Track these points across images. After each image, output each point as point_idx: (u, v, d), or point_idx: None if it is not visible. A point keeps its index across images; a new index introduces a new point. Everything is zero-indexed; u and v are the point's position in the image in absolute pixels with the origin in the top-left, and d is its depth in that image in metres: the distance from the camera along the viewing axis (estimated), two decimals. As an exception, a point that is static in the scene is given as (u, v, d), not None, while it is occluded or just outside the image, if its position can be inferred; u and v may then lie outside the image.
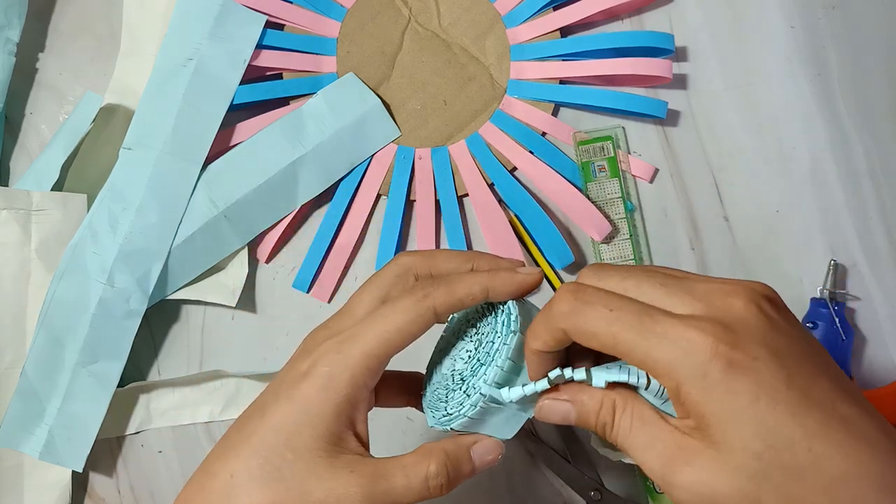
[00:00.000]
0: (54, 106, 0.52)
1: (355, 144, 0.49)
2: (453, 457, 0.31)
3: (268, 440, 0.30)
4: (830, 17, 0.51)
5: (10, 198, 0.47)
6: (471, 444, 0.32)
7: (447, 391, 0.33)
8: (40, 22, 0.53)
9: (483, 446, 0.32)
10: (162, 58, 0.48)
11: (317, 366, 0.30)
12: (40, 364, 0.46)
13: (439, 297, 0.31)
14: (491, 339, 0.32)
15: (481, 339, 0.33)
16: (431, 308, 0.31)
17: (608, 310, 0.27)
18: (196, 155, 0.47)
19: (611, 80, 0.51)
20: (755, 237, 0.50)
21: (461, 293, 0.31)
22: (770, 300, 0.27)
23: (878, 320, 0.49)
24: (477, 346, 0.33)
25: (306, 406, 0.30)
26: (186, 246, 0.47)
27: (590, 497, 0.48)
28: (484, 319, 0.34)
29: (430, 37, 0.51)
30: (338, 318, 0.33)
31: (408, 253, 0.34)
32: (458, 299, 0.31)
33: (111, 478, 0.50)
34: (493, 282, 0.31)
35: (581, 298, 0.27)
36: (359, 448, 0.31)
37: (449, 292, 0.31)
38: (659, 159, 0.51)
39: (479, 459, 0.32)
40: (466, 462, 0.32)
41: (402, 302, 0.31)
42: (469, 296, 0.31)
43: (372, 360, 0.30)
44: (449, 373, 0.34)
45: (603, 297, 0.27)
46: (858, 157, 0.50)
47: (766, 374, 0.25)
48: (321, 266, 0.50)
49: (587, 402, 0.29)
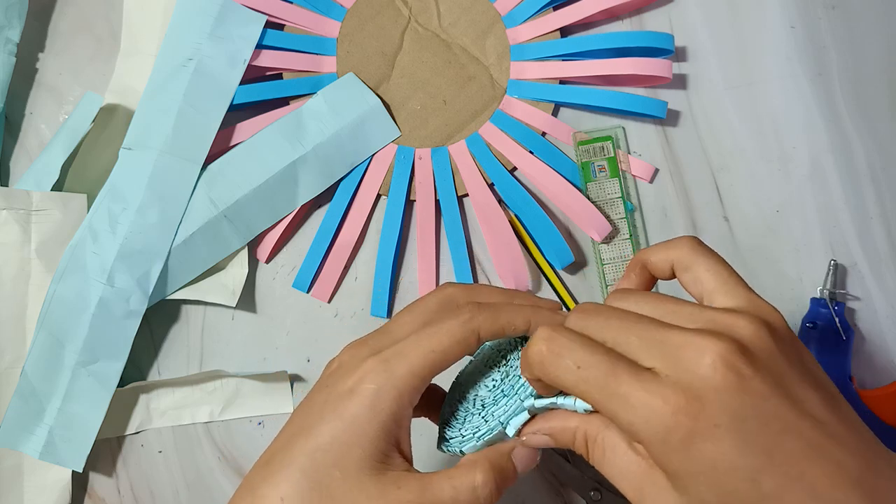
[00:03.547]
0: (54, 106, 0.52)
1: (355, 144, 0.49)
2: (497, 465, 0.31)
3: (316, 461, 0.29)
4: (830, 17, 0.51)
5: (10, 198, 0.47)
6: (510, 450, 0.32)
7: (466, 414, 0.34)
8: (40, 22, 0.53)
9: (523, 452, 0.32)
10: (162, 58, 0.48)
11: (363, 383, 0.30)
12: (40, 364, 0.46)
13: (484, 323, 0.32)
14: (518, 372, 0.33)
15: (508, 371, 0.34)
16: (476, 332, 0.32)
17: (576, 366, 0.27)
18: (196, 155, 0.47)
19: (611, 80, 0.51)
20: (755, 237, 0.50)
21: (504, 321, 0.32)
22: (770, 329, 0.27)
23: (878, 320, 0.49)
24: (504, 378, 0.33)
25: (354, 425, 0.30)
26: (186, 246, 0.47)
27: (590, 497, 0.48)
28: (515, 352, 0.34)
29: (430, 37, 0.51)
30: (377, 337, 0.33)
31: (452, 284, 0.35)
32: (500, 326, 0.32)
33: (111, 478, 0.50)
34: (536, 317, 0.32)
35: (552, 350, 0.28)
36: (404, 464, 0.31)
37: (493, 319, 0.32)
38: (659, 159, 0.51)
39: (521, 464, 0.32)
40: (510, 468, 0.32)
41: (448, 322, 0.32)
42: (511, 325, 0.32)
43: (417, 380, 0.31)
44: (472, 398, 0.34)
45: (573, 352, 0.27)
46: (858, 157, 0.50)
47: (725, 442, 0.24)
48: (321, 266, 0.50)
49: (560, 436, 0.30)
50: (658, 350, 0.26)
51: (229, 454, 0.50)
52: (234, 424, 0.50)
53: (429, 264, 0.49)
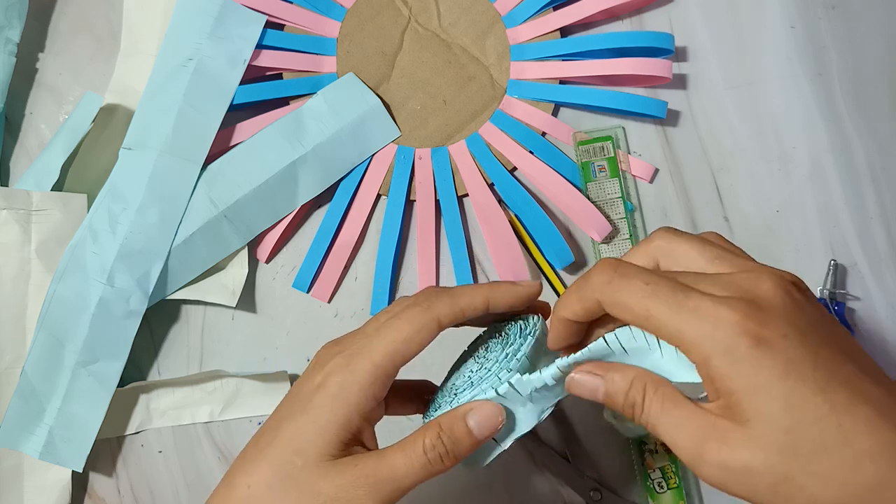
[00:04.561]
0: (54, 106, 0.52)
1: (355, 144, 0.49)
2: (447, 426, 0.31)
3: (281, 450, 0.31)
4: (830, 17, 0.51)
5: (10, 198, 0.47)
6: (466, 411, 0.32)
7: (442, 401, 0.34)
8: (40, 22, 0.53)
9: (480, 413, 0.32)
10: (162, 58, 0.48)
11: (329, 378, 0.32)
12: (40, 364, 0.46)
13: (443, 308, 0.33)
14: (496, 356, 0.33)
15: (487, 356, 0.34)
16: (435, 318, 0.32)
17: (644, 283, 0.28)
18: (196, 155, 0.47)
19: (611, 80, 0.51)
20: (755, 237, 0.50)
21: (463, 303, 0.33)
22: (796, 285, 0.28)
23: (878, 320, 0.49)
24: (478, 368, 0.34)
25: (317, 416, 0.31)
26: (186, 246, 0.47)
27: (590, 497, 0.48)
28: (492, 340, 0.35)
29: (430, 37, 0.51)
30: (350, 336, 0.35)
31: (432, 287, 0.36)
32: (460, 309, 0.33)
33: (111, 478, 0.50)
34: (494, 293, 0.33)
35: (619, 271, 0.29)
36: (366, 449, 0.32)
37: (452, 303, 0.33)
38: (659, 159, 0.51)
39: (478, 427, 0.32)
40: (463, 430, 0.32)
41: (407, 313, 0.33)
42: (471, 306, 0.33)
43: (379, 371, 0.32)
44: (448, 386, 0.35)
45: (640, 272, 0.29)
46: (858, 157, 0.50)
47: (794, 352, 0.25)
48: (321, 266, 0.50)
49: (618, 381, 0.30)
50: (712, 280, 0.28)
51: (229, 454, 0.50)
52: (234, 424, 0.50)
53: (429, 264, 0.49)
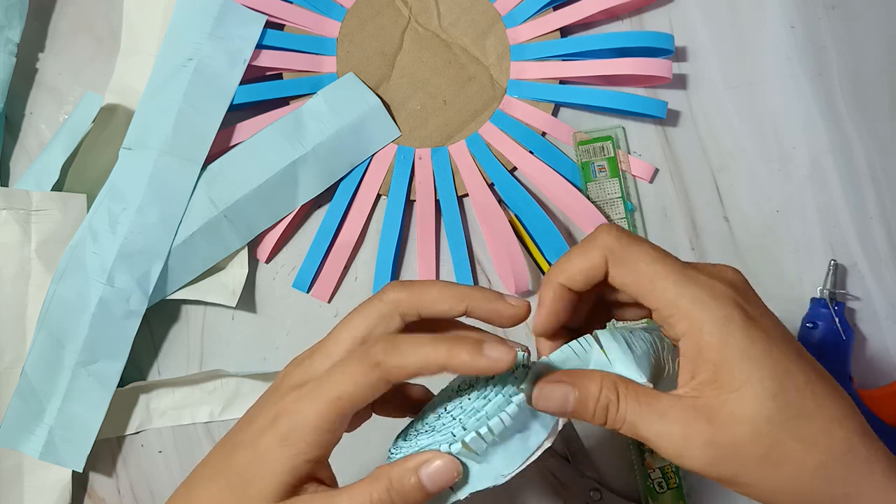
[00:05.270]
0: (54, 106, 0.52)
1: (355, 144, 0.49)
2: (398, 480, 0.30)
3: (235, 476, 0.30)
4: (830, 17, 0.51)
5: (10, 198, 0.47)
6: (418, 464, 0.30)
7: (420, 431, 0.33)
8: (40, 22, 0.53)
9: (432, 466, 0.30)
10: (162, 58, 0.48)
11: (279, 418, 0.30)
12: (40, 364, 0.46)
13: (392, 368, 0.29)
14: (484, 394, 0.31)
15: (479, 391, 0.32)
16: (383, 378, 0.30)
17: (652, 247, 0.29)
18: (196, 155, 0.47)
19: (611, 80, 0.51)
20: (755, 237, 0.50)
21: (415, 366, 0.29)
22: None
23: (878, 320, 0.49)
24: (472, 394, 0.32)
25: (266, 457, 0.30)
26: (186, 246, 0.47)
27: (590, 497, 0.48)
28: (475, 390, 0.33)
29: (430, 37, 0.51)
30: (313, 356, 0.32)
31: (396, 286, 0.32)
32: (412, 372, 0.30)
33: (111, 478, 0.50)
34: (452, 361, 0.29)
35: (627, 236, 0.30)
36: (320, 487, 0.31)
37: (401, 365, 0.29)
38: (659, 159, 0.51)
39: (430, 479, 0.30)
40: (413, 485, 0.30)
41: (352, 367, 0.30)
42: (424, 368, 0.29)
43: (325, 422, 0.30)
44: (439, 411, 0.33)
45: (645, 240, 0.30)
46: (858, 157, 0.50)
47: (773, 330, 0.28)
48: (321, 266, 0.50)
49: (587, 384, 0.29)
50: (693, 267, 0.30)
51: (229, 454, 0.50)
52: (234, 424, 0.50)
53: (429, 264, 0.49)
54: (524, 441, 0.30)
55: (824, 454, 0.27)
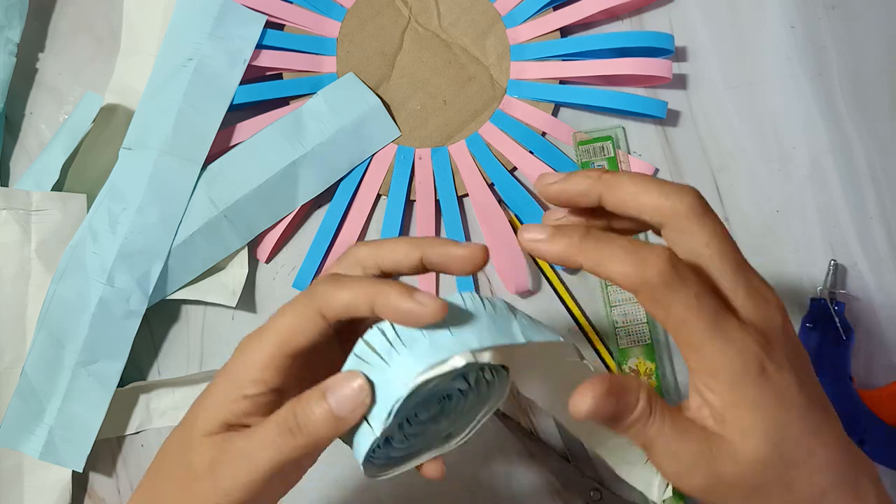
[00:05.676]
0: (54, 106, 0.52)
1: (355, 144, 0.49)
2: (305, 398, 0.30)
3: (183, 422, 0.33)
4: (830, 17, 0.51)
5: (10, 198, 0.47)
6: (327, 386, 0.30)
7: None
8: (40, 22, 0.53)
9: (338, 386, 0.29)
10: (162, 58, 0.48)
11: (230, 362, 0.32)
12: (40, 364, 0.46)
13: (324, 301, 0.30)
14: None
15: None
16: (318, 311, 0.30)
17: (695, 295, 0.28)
18: (196, 155, 0.47)
19: (611, 80, 0.51)
20: (755, 237, 0.50)
21: (345, 300, 0.30)
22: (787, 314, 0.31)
23: (878, 320, 0.49)
24: None
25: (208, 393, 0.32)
26: (186, 246, 0.47)
27: (590, 497, 0.48)
28: None
29: (430, 37, 0.51)
30: None
31: (360, 245, 0.34)
32: (343, 305, 0.30)
33: (111, 478, 0.50)
34: (379, 297, 0.29)
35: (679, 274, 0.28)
36: None
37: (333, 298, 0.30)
38: (659, 159, 0.51)
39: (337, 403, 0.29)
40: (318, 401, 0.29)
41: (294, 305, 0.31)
42: (353, 304, 0.30)
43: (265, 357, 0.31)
44: None
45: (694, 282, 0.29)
46: (858, 157, 0.50)
47: (785, 382, 0.29)
48: (321, 266, 0.50)
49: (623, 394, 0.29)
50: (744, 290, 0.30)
51: (229, 454, 0.50)
52: (234, 424, 0.50)
53: (429, 264, 0.49)
54: (434, 341, 0.29)
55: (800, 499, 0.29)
